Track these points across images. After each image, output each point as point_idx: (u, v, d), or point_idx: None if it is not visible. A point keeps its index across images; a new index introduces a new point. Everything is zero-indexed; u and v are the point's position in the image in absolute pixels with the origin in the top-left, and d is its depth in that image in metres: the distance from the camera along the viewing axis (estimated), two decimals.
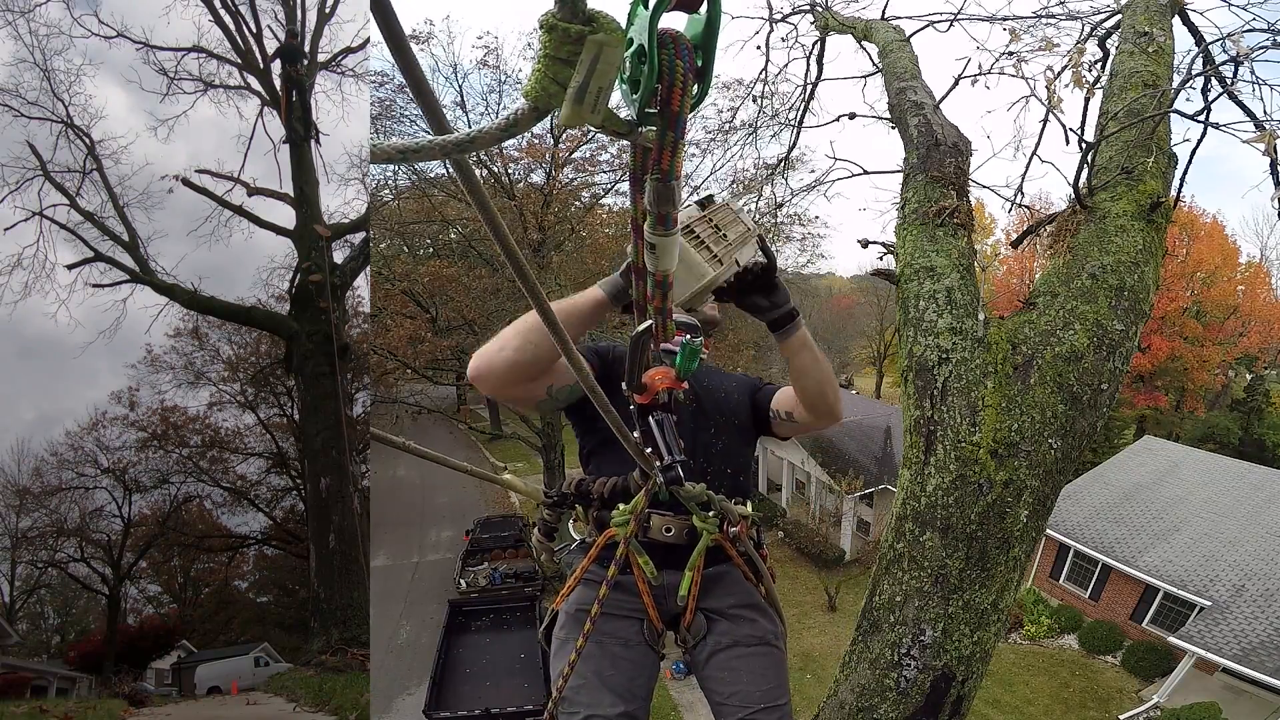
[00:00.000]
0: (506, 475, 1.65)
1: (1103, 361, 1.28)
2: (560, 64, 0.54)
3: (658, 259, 0.87)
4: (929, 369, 1.26)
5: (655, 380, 1.13)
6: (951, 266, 1.36)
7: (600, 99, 0.56)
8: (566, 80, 0.54)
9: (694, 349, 1.10)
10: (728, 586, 1.73)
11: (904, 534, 1.23)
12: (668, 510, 1.64)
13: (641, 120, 0.64)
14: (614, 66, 0.55)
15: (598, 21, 0.53)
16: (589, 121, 0.57)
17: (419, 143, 0.53)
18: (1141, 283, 1.38)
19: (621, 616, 1.66)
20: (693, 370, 1.13)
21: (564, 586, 1.73)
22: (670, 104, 0.61)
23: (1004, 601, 1.20)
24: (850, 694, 1.20)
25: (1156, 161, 1.51)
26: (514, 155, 15.53)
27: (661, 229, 0.83)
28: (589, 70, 0.54)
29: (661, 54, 0.58)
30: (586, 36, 0.52)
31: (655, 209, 0.80)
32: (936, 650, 1.15)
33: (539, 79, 0.55)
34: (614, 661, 1.63)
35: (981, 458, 1.19)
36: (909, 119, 1.64)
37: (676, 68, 0.59)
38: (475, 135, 0.54)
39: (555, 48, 0.53)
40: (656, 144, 0.67)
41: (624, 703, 1.59)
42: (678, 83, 0.60)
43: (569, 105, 0.55)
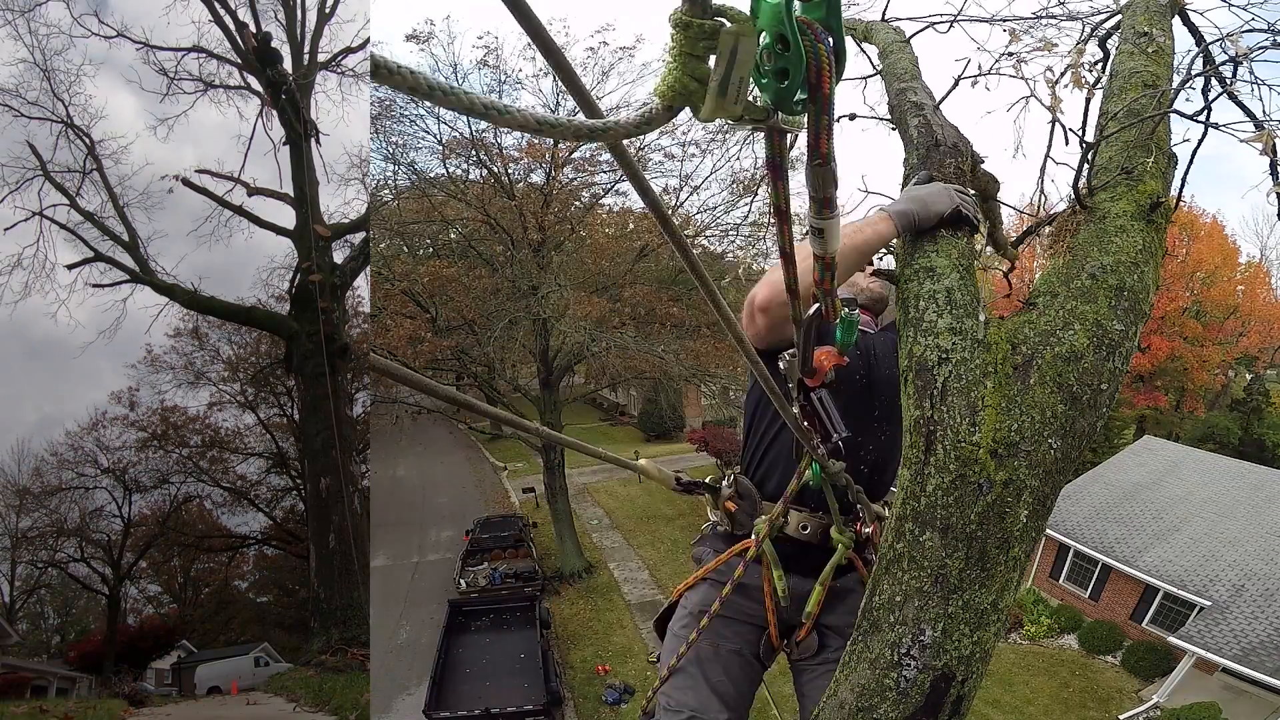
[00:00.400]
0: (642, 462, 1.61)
1: (1103, 361, 1.28)
2: (695, 60, 0.55)
3: (825, 242, 0.89)
4: (929, 369, 1.26)
5: (823, 361, 1.14)
6: (951, 266, 1.36)
7: (742, 90, 0.58)
8: (703, 76, 0.56)
9: (852, 320, 1.11)
10: (848, 602, 1.68)
11: (904, 534, 1.23)
12: (806, 507, 1.62)
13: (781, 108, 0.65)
14: (751, 56, 0.56)
15: (728, 14, 0.55)
16: (730, 114, 0.59)
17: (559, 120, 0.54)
18: (1141, 283, 1.38)
19: (742, 622, 1.64)
20: (851, 344, 1.14)
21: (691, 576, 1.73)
22: (821, 88, 0.62)
23: (1004, 601, 1.20)
24: (850, 694, 1.20)
25: (1156, 161, 1.51)
26: (514, 155, 15.54)
27: (827, 212, 0.84)
28: (730, 62, 0.55)
29: (804, 40, 0.59)
30: (722, 30, 0.54)
31: (820, 193, 0.82)
32: (936, 650, 1.15)
33: (676, 77, 0.55)
34: (726, 668, 1.62)
35: (981, 458, 1.19)
36: (909, 120, 1.64)
37: (821, 51, 0.60)
38: (610, 125, 0.55)
39: (690, 45, 0.54)
40: (812, 129, 0.68)
41: (729, 710, 1.59)
42: (824, 66, 0.61)
43: (713, 99, 0.57)
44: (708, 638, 1.60)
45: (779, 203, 0.79)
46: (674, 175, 17.21)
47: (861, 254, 1.39)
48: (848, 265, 1.38)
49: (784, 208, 0.79)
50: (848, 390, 1.59)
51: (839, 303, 1.05)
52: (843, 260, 1.37)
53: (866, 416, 1.66)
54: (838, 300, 1.01)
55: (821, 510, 1.60)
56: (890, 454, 1.69)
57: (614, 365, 15.96)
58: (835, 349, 1.15)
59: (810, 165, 0.76)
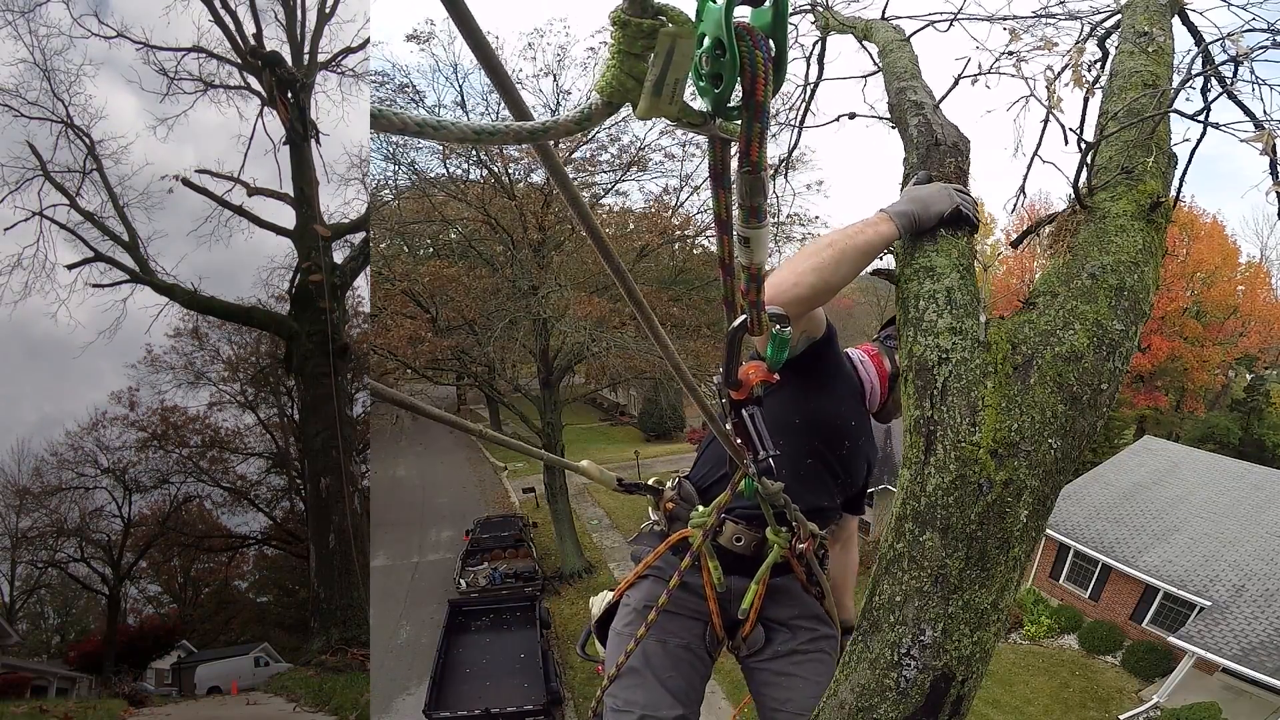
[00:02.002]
0: (584, 463, 1.63)
1: (1103, 361, 1.28)
2: (634, 59, 0.55)
3: (752, 252, 0.87)
4: (929, 369, 1.26)
5: (749, 375, 1.13)
6: (951, 266, 1.36)
7: (677, 90, 0.58)
8: (640, 74, 0.56)
9: (783, 339, 1.09)
10: (790, 597, 1.72)
11: (904, 534, 1.23)
12: (741, 520, 1.64)
13: (718, 113, 0.64)
14: (689, 58, 0.56)
15: (668, 15, 0.54)
16: (665, 113, 0.59)
17: (495, 126, 0.54)
18: (1141, 283, 1.38)
19: (685, 616, 1.65)
20: (782, 361, 1.12)
21: (626, 577, 1.73)
22: (755, 95, 0.62)
23: (1004, 601, 1.20)
24: (850, 694, 1.19)
25: (1156, 161, 1.51)
26: (514, 155, 15.54)
27: (755, 221, 0.82)
28: (665, 63, 0.55)
29: (741, 46, 0.59)
30: (660, 30, 0.54)
31: (748, 201, 0.80)
32: (936, 650, 1.15)
33: (614, 74, 0.56)
34: (675, 663, 1.62)
35: (981, 458, 1.19)
36: (909, 118, 1.64)
37: (757, 59, 0.60)
38: (550, 125, 0.55)
39: (628, 43, 0.54)
40: (744, 136, 0.68)
41: (681, 706, 1.59)
42: (760, 74, 0.60)
43: (647, 98, 0.56)
44: (654, 634, 1.59)
45: (719, 212, 0.77)
46: (674, 175, 17.22)
47: (864, 254, 1.39)
48: (850, 266, 1.37)
49: (724, 217, 0.78)
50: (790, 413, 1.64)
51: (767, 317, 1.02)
52: (844, 261, 1.37)
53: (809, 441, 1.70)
54: (765, 314, 0.99)
55: (756, 524, 1.61)
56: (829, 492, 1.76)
57: (614, 365, 15.96)
58: (765, 364, 1.13)
59: (740, 172, 0.75)
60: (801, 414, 1.64)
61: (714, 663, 1.72)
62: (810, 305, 1.44)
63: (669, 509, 1.70)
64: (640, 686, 1.59)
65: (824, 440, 1.70)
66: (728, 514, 1.59)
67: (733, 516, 1.62)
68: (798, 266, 1.35)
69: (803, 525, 1.60)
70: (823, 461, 1.71)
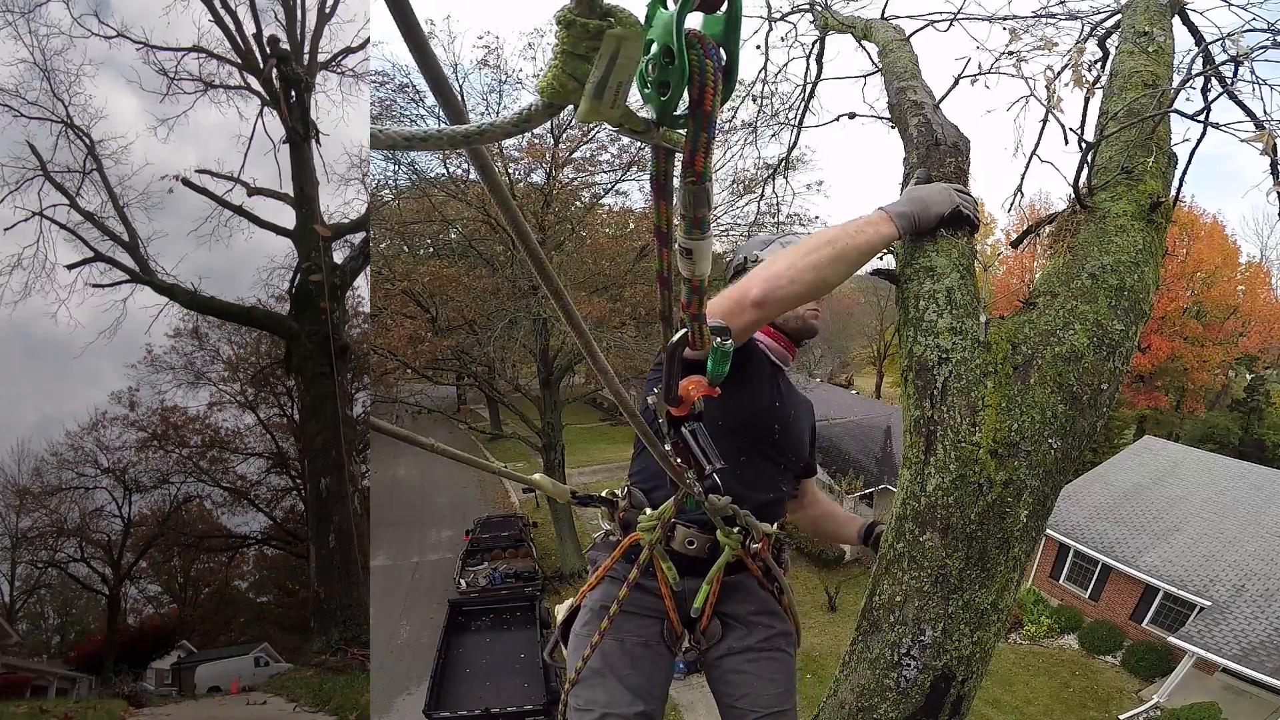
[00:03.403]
0: (536, 476, 1.66)
1: (1103, 361, 1.28)
2: (578, 60, 0.53)
3: (694, 264, 0.85)
4: (929, 369, 1.26)
5: (689, 390, 1.10)
6: (951, 266, 1.36)
7: (620, 94, 0.55)
8: (583, 76, 0.54)
9: (725, 352, 1.06)
10: (745, 594, 1.73)
11: (904, 534, 1.23)
12: (692, 524, 1.64)
13: (664, 122, 0.63)
14: (634, 62, 0.54)
15: (616, 16, 0.53)
16: (607, 118, 0.57)
17: (427, 131, 0.53)
18: (1141, 283, 1.38)
19: (643, 615, 1.66)
20: (723, 375, 1.09)
21: (586, 582, 1.74)
22: (702, 104, 0.60)
23: (1004, 602, 1.20)
24: (850, 694, 1.19)
25: (1156, 161, 1.51)
26: (514, 155, 15.53)
27: (697, 232, 0.81)
28: (608, 65, 0.53)
29: (690, 54, 0.57)
30: (605, 31, 0.52)
31: (691, 212, 0.78)
32: (936, 650, 1.15)
33: (555, 74, 0.54)
34: (634, 661, 1.63)
35: (981, 458, 1.19)
36: (909, 118, 1.64)
37: (707, 67, 0.58)
38: (486, 128, 0.54)
39: (572, 43, 0.52)
40: (688, 146, 0.66)
41: (642, 702, 1.59)
42: (709, 82, 0.59)
43: (588, 100, 0.55)
44: (612, 635, 1.61)
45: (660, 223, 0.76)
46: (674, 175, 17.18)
47: (863, 254, 1.38)
48: (848, 266, 1.37)
49: (665, 229, 0.76)
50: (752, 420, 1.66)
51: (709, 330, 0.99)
52: (843, 260, 1.36)
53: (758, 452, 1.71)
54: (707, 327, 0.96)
55: (706, 528, 1.62)
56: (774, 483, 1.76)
57: (614, 365, 15.90)
58: (705, 379, 1.10)
59: (684, 182, 0.73)
60: (725, 417, 1.59)
61: (675, 656, 1.73)
62: (802, 302, 1.44)
63: (622, 517, 1.71)
64: (601, 686, 1.60)
65: (753, 436, 1.70)
66: (678, 518, 1.61)
67: (683, 521, 1.63)
68: (796, 263, 1.34)
69: (755, 529, 1.61)
70: (759, 455, 1.71)
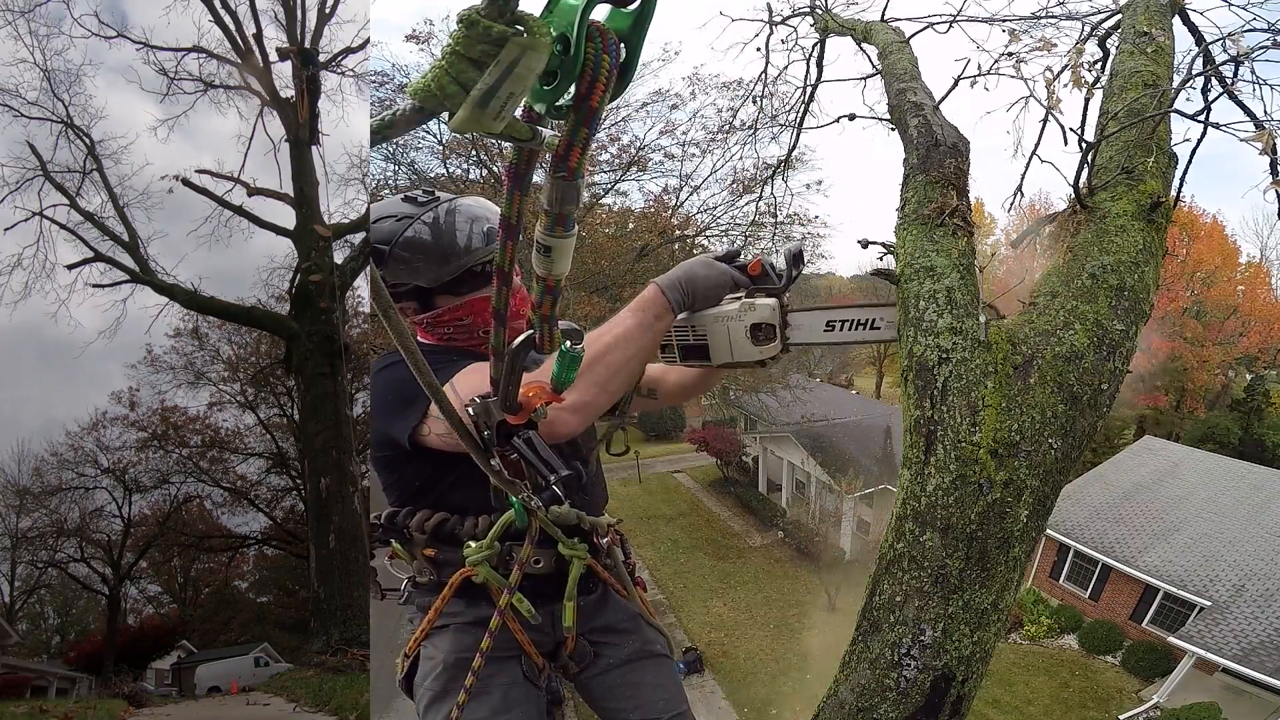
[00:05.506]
0: None
1: (1103, 361, 1.28)
2: (467, 64, 0.49)
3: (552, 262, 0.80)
4: (929, 369, 1.26)
5: (530, 397, 1.00)
6: (951, 266, 1.36)
7: (508, 106, 0.52)
8: (469, 82, 0.50)
9: (575, 356, 0.97)
10: (605, 605, 1.65)
11: (904, 534, 1.23)
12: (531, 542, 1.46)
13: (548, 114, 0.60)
14: (533, 74, 0.51)
15: (527, 24, 0.49)
16: (488, 129, 0.52)
17: None
18: (1142, 283, 1.38)
19: (499, 659, 1.48)
20: (570, 381, 1.01)
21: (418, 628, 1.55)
22: (590, 99, 0.58)
23: (1004, 602, 1.20)
24: (850, 694, 1.19)
25: (1157, 161, 1.51)
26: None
27: (560, 230, 0.77)
28: (503, 75, 0.49)
29: (589, 48, 0.55)
30: (510, 39, 0.48)
31: (557, 208, 0.74)
32: (936, 650, 1.15)
33: (438, 77, 0.50)
34: (505, 698, 1.49)
35: (981, 458, 1.19)
36: (909, 120, 1.64)
37: (603, 63, 0.56)
38: None
39: (467, 46, 0.48)
40: (565, 139, 0.62)
41: None
42: (601, 79, 0.56)
43: (469, 109, 0.50)
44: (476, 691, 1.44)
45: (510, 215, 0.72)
46: (674, 175, 17.20)
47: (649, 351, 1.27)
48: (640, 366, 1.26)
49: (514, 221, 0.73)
50: None
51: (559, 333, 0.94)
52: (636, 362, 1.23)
53: None
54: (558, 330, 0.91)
55: (546, 542, 1.48)
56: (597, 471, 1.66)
57: None
58: (548, 385, 1.02)
59: (554, 176, 0.69)
60: None
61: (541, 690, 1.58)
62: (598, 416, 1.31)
63: (430, 555, 1.48)
64: None
65: None
66: (509, 539, 1.44)
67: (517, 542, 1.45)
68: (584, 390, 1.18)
69: (599, 526, 1.53)
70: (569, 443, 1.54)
